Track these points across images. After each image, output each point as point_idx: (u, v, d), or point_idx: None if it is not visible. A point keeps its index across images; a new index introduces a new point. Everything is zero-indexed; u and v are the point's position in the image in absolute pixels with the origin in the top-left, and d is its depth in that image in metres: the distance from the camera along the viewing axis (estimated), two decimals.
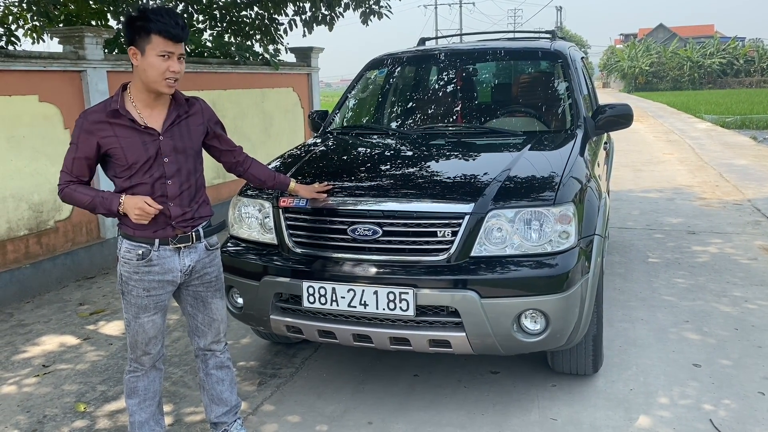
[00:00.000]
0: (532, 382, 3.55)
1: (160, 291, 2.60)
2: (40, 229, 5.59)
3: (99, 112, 2.46)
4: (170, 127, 2.52)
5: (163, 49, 2.39)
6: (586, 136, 3.95)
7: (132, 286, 2.56)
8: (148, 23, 2.37)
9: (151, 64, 2.39)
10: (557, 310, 2.93)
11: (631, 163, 12.07)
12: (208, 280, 2.72)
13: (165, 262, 2.56)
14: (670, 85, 57.38)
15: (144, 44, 2.39)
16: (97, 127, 2.43)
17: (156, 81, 2.42)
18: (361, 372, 3.73)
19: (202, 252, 2.67)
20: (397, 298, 2.92)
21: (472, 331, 2.92)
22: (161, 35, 2.38)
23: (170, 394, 3.57)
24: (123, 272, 2.57)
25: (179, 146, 2.54)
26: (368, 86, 4.82)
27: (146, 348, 2.68)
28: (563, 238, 3.01)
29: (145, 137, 2.47)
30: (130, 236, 2.54)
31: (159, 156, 2.49)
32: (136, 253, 2.52)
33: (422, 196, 3.09)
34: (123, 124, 2.45)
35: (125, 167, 2.46)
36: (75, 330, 4.60)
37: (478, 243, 2.97)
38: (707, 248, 6.08)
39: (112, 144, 2.43)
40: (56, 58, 5.68)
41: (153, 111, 2.50)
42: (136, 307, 2.58)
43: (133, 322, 2.62)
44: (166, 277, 2.58)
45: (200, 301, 2.75)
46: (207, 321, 2.79)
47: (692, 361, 3.74)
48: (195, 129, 2.61)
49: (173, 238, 2.56)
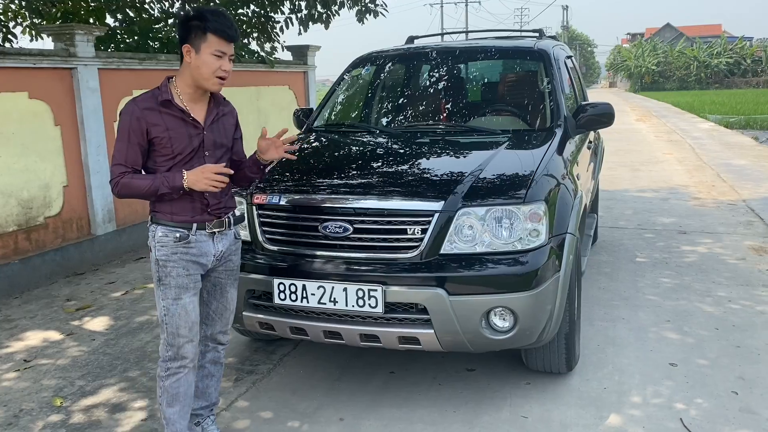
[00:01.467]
0: (506, 379, 3.56)
1: (197, 271, 2.65)
2: (30, 225, 5.63)
3: (149, 100, 2.55)
4: (211, 123, 2.63)
5: (218, 49, 2.50)
6: (566, 134, 3.95)
7: (171, 267, 2.59)
8: (206, 23, 2.48)
9: (205, 62, 2.50)
10: (526, 308, 2.94)
11: (630, 162, 12.04)
12: (231, 268, 2.81)
13: (201, 245, 2.63)
14: (676, 84, 57.16)
15: (200, 42, 2.50)
16: (147, 114, 2.52)
17: (207, 78, 2.53)
18: (338, 369, 3.75)
19: (231, 240, 2.77)
20: (366, 295, 2.93)
21: (440, 328, 2.93)
22: (218, 35, 2.50)
23: (147, 389, 3.59)
24: (160, 256, 2.60)
25: (218, 141, 2.65)
26: (353, 84, 4.84)
27: (190, 333, 2.65)
28: (533, 237, 3.02)
29: (191, 129, 2.58)
30: (167, 222, 2.60)
31: (201, 149, 2.60)
32: (173, 236, 2.59)
33: (393, 193, 3.11)
34: (173, 114, 2.55)
35: (169, 156, 2.55)
36: (59, 325, 4.63)
37: (448, 241, 2.98)
38: (696, 248, 6.07)
39: (160, 132, 2.52)
40: (46, 56, 5.71)
41: (196, 106, 2.60)
42: (176, 288, 2.60)
43: (173, 307, 2.61)
44: (200, 260, 2.64)
45: (219, 288, 2.81)
46: (220, 309, 2.85)
47: (669, 361, 3.73)
48: (229, 128, 2.74)
49: (209, 222, 2.64)
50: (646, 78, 58.90)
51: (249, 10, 9.60)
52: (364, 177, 3.30)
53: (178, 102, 2.56)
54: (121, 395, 3.53)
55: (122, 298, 5.19)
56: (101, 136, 6.23)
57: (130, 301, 5.11)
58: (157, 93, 2.57)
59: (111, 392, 3.57)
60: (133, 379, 3.73)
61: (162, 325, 2.65)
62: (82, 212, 6.15)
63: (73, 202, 6.04)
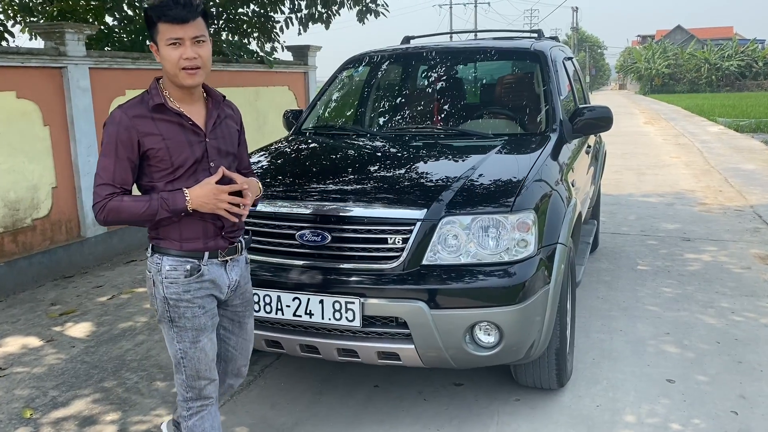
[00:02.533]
0: (495, 395, 3.40)
1: (213, 305, 2.30)
2: (17, 227, 5.52)
3: (138, 106, 2.17)
4: (213, 127, 2.26)
5: (170, 36, 2.11)
6: (561, 139, 3.79)
7: (185, 308, 2.23)
8: (150, 11, 2.14)
9: (164, 57, 2.14)
10: (512, 323, 2.79)
11: (636, 166, 11.84)
12: (247, 297, 2.46)
13: (214, 276, 2.27)
14: (687, 87, 56.70)
15: (155, 36, 2.15)
16: (138, 122, 2.14)
17: (174, 73, 2.15)
18: (321, 382, 3.60)
19: (243, 265, 2.41)
20: (343, 307, 2.79)
21: (421, 343, 2.78)
22: (163, 21, 2.11)
23: (121, 400, 3.46)
24: (169, 295, 2.21)
25: (223, 149, 2.28)
26: (344, 84, 4.69)
27: (211, 374, 2.34)
28: (521, 247, 2.87)
29: (191, 136, 2.20)
30: (174, 251, 2.21)
31: (205, 159, 2.22)
32: (183, 270, 2.21)
33: (374, 200, 2.96)
34: (169, 120, 2.17)
35: (169, 170, 2.17)
36: (41, 331, 4.51)
37: (431, 251, 2.83)
38: (700, 256, 5.89)
39: (155, 143, 2.14)
40: (35, 54, 5.60)
41: (192, 108, 2.23)
42: (194, 330, 2.25)
43: (191, 350, 2.27)
44: (214, 292, 2.29)
45: (237, 323, 2.46)
46: (240, 344, 2.50)
47: (666, 377, 3.57)
48: (233, 132, 2.36)
49: (223, 249, 2.28)
50: (656, 80, 58.47)
51: (249, 10, 9.50)
52: (345, 183, 3.15)
53: (172, 105, 2.18)
54: (94, 407, 3.40)
55: (108, 303, 5.06)
56: (92, 137, 6.12)
57: (116, 306, 4.99)
58: (147, 97, 2.19)
59: (83, 404, 3.44)
60: (108, 390, 3.59)
61: (178, 366, 2.32)
62: (71, 214, 6.03)
63: (62, 203, 5.93)
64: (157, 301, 2.26)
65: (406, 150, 3.74)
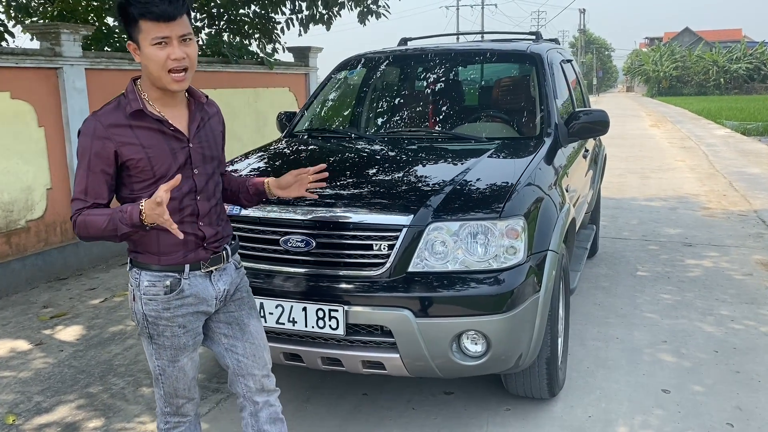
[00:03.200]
0: (485, 405, 3.33)
1: (196, 324, 2.16)
2: (10, 228, 5.48)
3: (114, 113, 1.99)
4: (197, 131, 2.11)
5: (155, 35, 1.93)
6: (556, 143, 3.72)
7: (164, 327, 2.10)
8: (129, 8, 1.93)
9: (148, 56, 1.95)
10: (499, 332, 2.72)
11: (640, 169, 11.74)
12: (240, 297, 2.28)
13: (198, 290, 2.11)
14: (694, 90, 56.45)
15: (136, 35, 1.96)
16: (115, 131, 1.97)
17: (159, 76, 1.97)
18: (309, 388, 3.54)
19: (233, 272, 2.24)
20: (327, 315, 2.73)
21: (406, 352, 2.72)
22: (147, 18, 1.93)
23: (106, 407, 3.41)
24: (148, 312, 2.09)
25: (207, 154, 2.12)
26: (338, 87, 4.63)
27: (189, 393, 2.25)
28: (510, 254, 2.80)
29: (173, 143, 2.04)
30: (152, 265, 2.07)
31: (188, 166, 2.06)
32: (162, 286, 2.07)
33: (360, 206, 2.89)
34: (149, 127, 2.00)
35: (150, 181, 2.01)
36: (30, 334, 4.47)
37: (418, 257, 2.76)
38: (701, 262, 5.80)
39: (135, 153, 1.97)
40: (30, 55, 5.56)
41: (172, 111, 2.06)
42: (173, 349, 2.13)
43: (169, 368, 2.16)
44: (200, 308, 2.14)
45: (236, 326, 2.27)
46: (250, 350, 2.28)
47: (662, 387, 3.49)
48: (218, 134, 2.21)
49: (205, 261, 2.12)
50: (664, 83, 58.22)
51: (250, 11, 9.46)
52: (331, 187, 3.09)
53: (151, 110, 2.01)
54: (77, 413, 3.35)
55: (100, 306, 5.02)
56: None
57: (107, 309, 4.94)
58: (123, 102, 2.01)
59: (67, 410, 3.39)
60: (93, 395, 3.54)
61: (157, 381, 2.22)
62: (66, 216, 5.98)
63: (57, 205, 5.89)
64: (136, 316, 2.14)
65: (397, 154, 3.68)
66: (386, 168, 3.42)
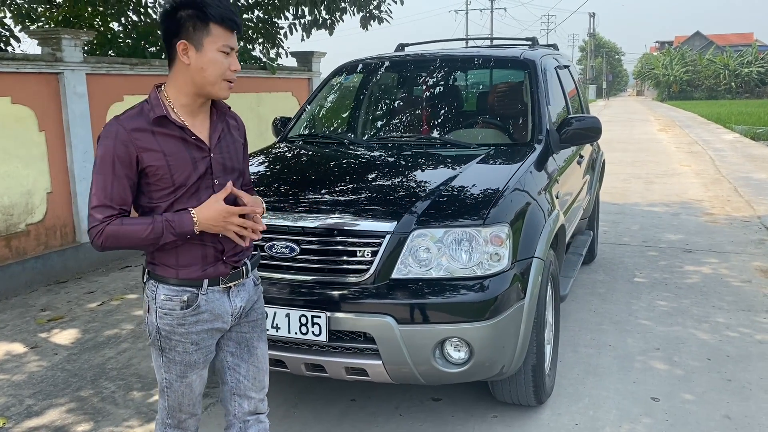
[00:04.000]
0: (472, 411, 3.33)
1: (210, 341, 2.11)
2: (10, 232, 5.53)
3: (137, 118, 1.96)
4: (218, 141, 2.06)
5: (225, 43, 1.93)
6: (546, 150, 3.72)
7: (176, 342, 2.05)
8: (206, 9, 1.91)
9: (213, 61, 1.92)
10: (482, 339, 2.72)
11: (645, 174, 11.69)
12: (255, 318, 2.22)
13: (214, 306, 2.06)
14: (705, 94, 56.16)
15: (201, 36, 1.92)
16: (137, 137, 1.93)
17: (214, 82, 1.95)
18: (297, 394, 3.55)
19: (251, 289, 2.19)
20: (309, 321, 2.73)
21: (388, 359, 2.72)
22: (224, 25, 1.92)
23: (95, 410, 3.43)
24: (162, 326, 2.05)
25: (228, 165, 2.08)
26: (333, 92, 4.64)
27: (193, 409, 2.20)
28: (494, 261, 2.80)
29: (194, 152, 1.99)
30: (170, 279, 2.03)
31: (208, 176, 2.02)
32: (179, 301, 2.02)
33: (344, 212, 2.89)
34: (171, 135, 1.96)
35: (169, 190, 1.97)
36: (26, 337, 4.51)
37: (402, 264, 2.77)
38: (700, 268, 5.77)
39: (156, 160, 1.93)
40: (31, 60, 5.62)
41: (195, 120, 2.02)
42: (182, 365, 2.09)
43: (177, 383, 2.12)
44: (215, 325, 2.09)
45: (245, 347, 2.22)
46: (252, 372, 2.24)
47: (651, 394, 3.47)
48: (239, 146, 2.15)
49: (224, 276, 2.07)
50: (674, 87, 57.96)
51: (253, 16, 9.51)
52: (317, 193, 3.10)
53: (174, 117, 1.98)
54: (67, 417, 3.37)
55: (97, 309, 5.05)
56: (88, 143, 6.13)
57: (104, 312, 4.98)
58: (146, 108, 1.97)
59: (57, 413, 3.42)
60: (84, 399, 3.56)
61: (162, 393, 2.18)
62: (66, 219, 6.04)
63: (57, 209, 5.94)
64: (149, 327, 2.10)
65: (386, 160, 3.69)
66: (374, 174, 3.43)
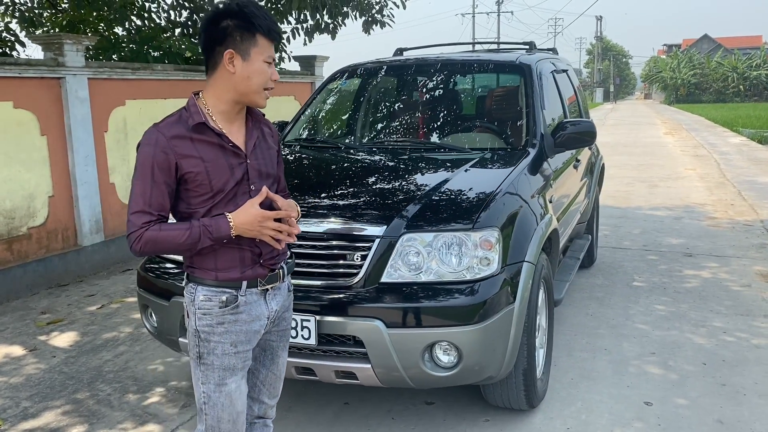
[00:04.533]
0: (464, 415, 3.33)
1: (247, 346, 2.12)
2: (12, 235, 5.57)
3: (176, 125, 1.99)
4: (254, 147, 2.10)
5: (269, 54, 2.01)
6: (540, 154, 3.73)
7: (215, 343, 2.06)
8: (253, 19, 1.95)
9: (259, 71, 1.99)
10: (471, 343, 2.72)
11: (649, 178, 11.66)
12: (284, 327, 2.26)
13: (252, 308, 2.09)
14: (713, 97, 55.90)
15: (249, 47, 1.97)
16: (176, 143, 1.96)
17: (257, 91, 2.01)
18: (291, 397, 3.57)
19: (285, 293, 2.22)
20: (299, 325, 2.75)
21: (377, 362, 2.73)
22: (269, 37, 1.99)
23: (90, 413, 3.46)
24: (201, 327, 2.06)
25: (263, 171, 2.11)
26: (328, 98, 4.67)
27: (235, 427, 2.13)
28: (484, 265, 2.81)
29: (231, 158, 2.02)
30: (209, 281, 2.05)
31: (245, 181, 2.05)
32: (219, 300, 2.05)
33: (336, 216, 2.91)
34: (209, 141, 2.00)
35: (207, 195, 2.00)
36: (26, 340, 4.54)
37: (392, 267, 2.79)
38: (700, 272, 5.75)
39: (194, 166, 1.97)
40: (33, 65, 5.67)
41: (232, 127, 2.06)
42: (221, 369, 2.08)
43: (215, 394, 2.08)
44: (253, 327, 2.10)
45: (269, 353, 2.25)
46: (270, 379, 2.29)
47: (645, 399, 3.47)
48: (273, 152, 2.18)
49: (262, 278, 2.10)
50: (682, 90, 57.75)
51: None
52: (309, 197, 3.12)
53: (213, 125, 2.01)
54: (62, 419, 3.40)
55: (96, 312, 5.08)
56: (90, 146, 6.18)
57: (104, 315, 5.01)
58: (185, 115, 2.00)
59: (53, 415, 3.44)
60: (80, 401, 3.59)
61: (200, 413, 2.14)
62: (68, 222, 6.08)
63: (58, 212, 5.98)
64: (189, 334, 2.11)
65: (379, 164, 3.71)
66: (367, 178, 3.45)
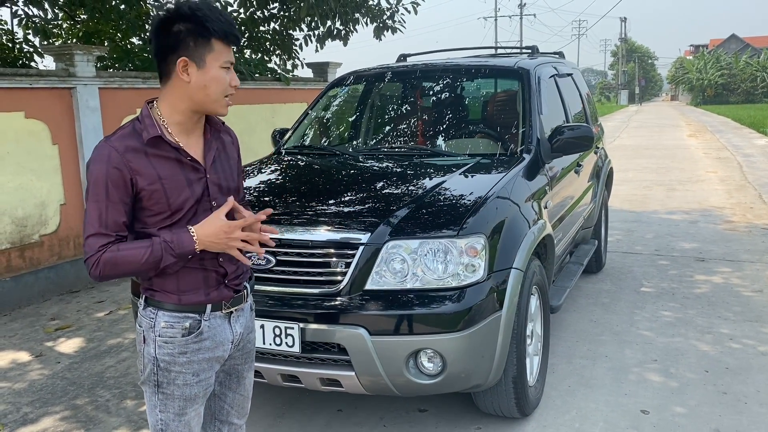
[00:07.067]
0: (457, 423, 3.31)
1: (210, 373, 1.98)
2: (24, 242, 5.68)
3: (129, 138, 1.82)
4: (213, 160, 1.94)
5: (227, 59, 1.84)
6: (536, 159, 3.70)
7: (176, 373, 1.91)
8: (206, 23, 1.78)
9: (215, 79, 1.82)
10: (455, 351, 2.71)
11: (668, 181, 11.49)
12: (249, 349, 2.12)
13: (216, 333, 1.94)
14: (741, 98, 54.92)
15: (203, 52, 1.80)
16: (130, 158, 1.79)
17: (216, 99, 1.85)
18: (284, 403, 3.58)
19: (248, 314, 2.09)
20: (283, 333, 2.76)
21: (361, 370, 2.73)
22: (225, 40, 1.82)
23: (88, 419, 3.51)
24: (161, 357, 1.90)
25: (224, 185, 1.96)
26: (327, 104, 4.69)
27: None
28: (469, 272, 2.79)
29: (190, 174, 1.87)
30: (171, 305, 1.89)
31: (205, 198, 1.90)
32: (181, 327, 1.89)
33: (321, 224, 2.92)
34: (165, 156, 1.83)
35: (165, 215, 1.84)
36: (33, 346, 4.62)
37: (376, 274, 2.78)
38: (711, 278, 5.65)
39: (149, 184, 1.80)
40: (44, 76, 5.79)
41: (190, 139, 1.90)
42: (181, 400, 1.94)
43: (174, 423, 1.96)
44: (216, 353, 1.96)
45: (234, 377, 2.12)
46: (238, 401, 2.17)
47: (642, 407, 3.41)
48: (233, 163, 2.03)
49: (227, 300, 1.96)
50: (709, 91, 56.82)
51: (270, 28, 9.64)
52: (295, 204, 3.13)
53: (169, 138, 1.84)
54: (59, 425, 3.45)
55: (104, 319, 5.16)
56: None
57: (110, 321, 5.08)
58: (139, 127, 1.83)
59: (51, 421, 3.50)
60: (79, 407, 3.64)
61: None
62: (79, 230, 6.17)
63: (70, 220, 6.08)
64: (144, 359, 1.93)
65: (370, 170, 3.71)
66: (356, 185, 3.45)
